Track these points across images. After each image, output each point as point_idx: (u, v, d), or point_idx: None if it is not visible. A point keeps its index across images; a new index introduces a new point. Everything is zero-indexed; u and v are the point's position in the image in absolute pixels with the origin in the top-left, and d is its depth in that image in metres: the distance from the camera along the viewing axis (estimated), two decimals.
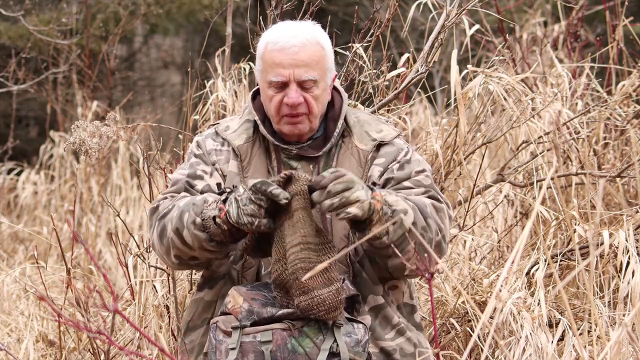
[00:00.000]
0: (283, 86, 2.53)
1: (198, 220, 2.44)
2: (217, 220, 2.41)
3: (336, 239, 2.55)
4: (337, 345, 2.38)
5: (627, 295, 3.15)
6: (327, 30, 2.68)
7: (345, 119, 2.64)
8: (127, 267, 3.33)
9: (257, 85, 2.65)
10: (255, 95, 2.67)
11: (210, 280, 2.64)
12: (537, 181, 3.53)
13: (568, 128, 3.77)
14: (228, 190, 2.45)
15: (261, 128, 2.62)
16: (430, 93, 3.93)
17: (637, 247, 3.26)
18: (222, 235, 2.43)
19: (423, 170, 2.60)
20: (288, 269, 2.38)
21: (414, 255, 2.43)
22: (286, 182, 2.40)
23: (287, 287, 2.41)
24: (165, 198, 2.59)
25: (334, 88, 2.65)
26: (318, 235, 2.41)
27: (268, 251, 2.45)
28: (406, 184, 2.57)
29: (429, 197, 2.56)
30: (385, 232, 2.40)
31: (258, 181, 2.36)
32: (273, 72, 2.53)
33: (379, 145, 2.61)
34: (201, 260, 2.57)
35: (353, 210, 2.34)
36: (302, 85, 2.52)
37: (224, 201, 2.42)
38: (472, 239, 3.66)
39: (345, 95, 2.68)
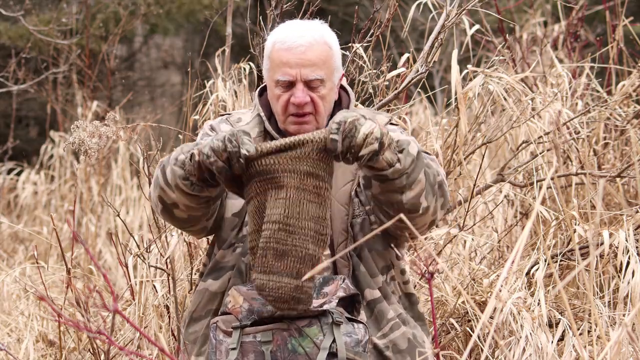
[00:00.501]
0: (290, 85, 2.53)
1: (181, 157, 2.42)
2: (195, 154, 2.38)
3: (335, 233, 2.54)
4: (337, 344, 2.38)
5: (627, 295, 3.15)
6: None
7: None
8: (127, 267, 3.33)
9: (264, 82, 2.65)
10: (262, 91, 2.67)
11: (215, 271, 2.61)
12: (537, 181, 3.53)
13: (568, 128, 3.77)
14: None
15: (267, 125, 2.62)
16: (430, 93, 3.93)
17: (637, 247, 3.26)
18: (194, 173, 2.38)
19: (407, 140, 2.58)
20: (260, 242, 2.31)
21: (425, 187, 2.40)
22: (285, 150, 2.32)
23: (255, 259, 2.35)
24: None
25: (342, 87, 2.66)
26: (317, 223, 2.32)
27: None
28: None
29: None
30: (397, 159, 2.36)
31: (241, 129, 2.34)
32: (280, 71, 2.53)
33: None
34: (183, 215, 2.51)
35: (369, 148, 2.30)
36: (309, 84, 2.53)
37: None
38: (472, 239, 3.65)
39: (352, 94, 2.68)
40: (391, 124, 2.65)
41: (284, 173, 2.31)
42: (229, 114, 2.70)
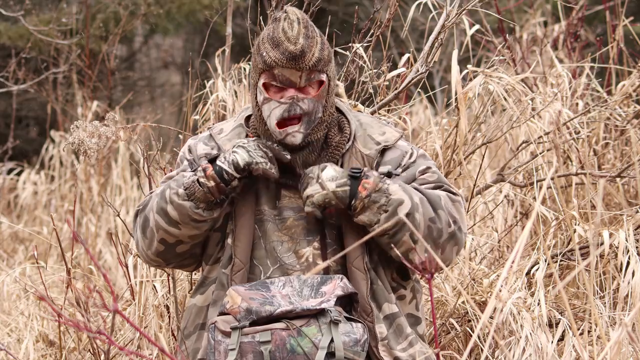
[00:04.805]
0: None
1: (181, 191, 2.48)
2: (202, 179, 2.46)
3: (349, 243, 2.54)
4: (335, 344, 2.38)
5: (627, 295, 3.15)
6: (327, 30, 2.68)
7: (349, 123, 2.64)
8: (127, 267, 3.33)
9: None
10: None
11: (202, 286, 2.63)
12: (537, 181, 3.53)
13: (568, 128, 3.77)
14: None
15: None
16: (430, 93, 3.93)
17: (637, 247, 3.26)
18: (208, 194, 2.46)
19: (428, 168, 2.61)
20: None
21: (415, 247, 2.45)
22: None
23: None
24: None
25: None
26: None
27: None
28: (413, 185, 2.57)
29: (443, 190, 2.57)
30: (377, 220, 2.44)
31: (259, 140, 2.54)
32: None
33: (384, 150, 2.61)
34: (185, 248, 2.56)
35: (306, 208, 2.49)
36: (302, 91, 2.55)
37: (211, 161, 2.49)
38: (472, 239, 3.66)
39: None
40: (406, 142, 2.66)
41: None
42: (215, 126, 2.72)
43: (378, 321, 2.53)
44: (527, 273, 3.31)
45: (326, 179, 2.47)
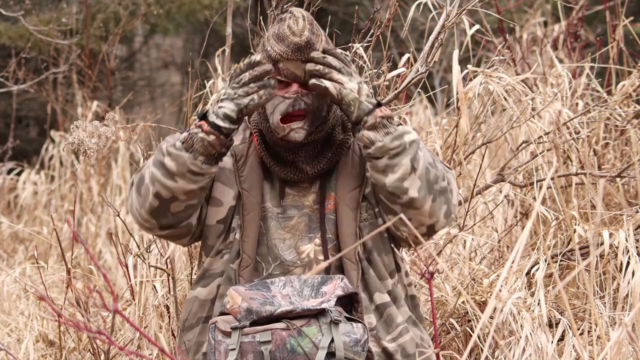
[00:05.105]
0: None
1: (178, 144, 2.48)
2: (201, 134, 2.46)
3: (344, 237, 2.56)
4: (335, 344, 2.38)
5: (627, 295, 3.15)
6: (327, 30, 2.68)
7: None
8: (127, 267, 3.33)
9: None
10: None
11: (203, 278, 2.63)
12: (537, 181, 3.53)
13: (568, 128, 3.77)
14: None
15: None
16: (430, 93, 3.93)
17: (637, 247, 3.26)
18: (209, 147, 2.46)
19: None
20: None
21: (413, 174, 2.46)
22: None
23: None
24: None
25: None
26: None
27: None
28: None
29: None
30: (381, 140, 2.47)
31: (230, 72, 2.51)
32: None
33: None
34: (179, 207, 2.54)
35: (328, 84, 2.47)
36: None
37: (201, 119, 2.49)
38: (472, 239, 3.66)
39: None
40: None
41: None
42: None
43: (367, 312, 2.55)
44: (527, 273, 3.31)
45: (363, 89, 2.49)
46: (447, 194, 2.54)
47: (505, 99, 3.50)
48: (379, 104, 2.50)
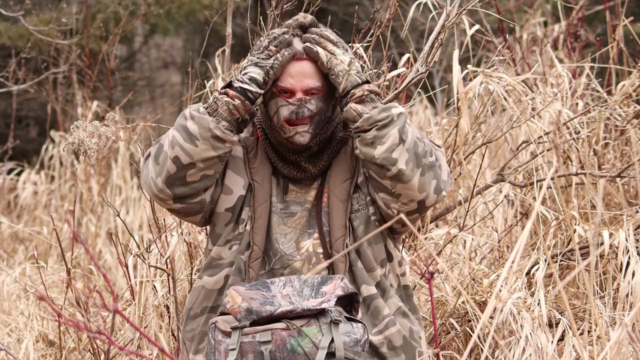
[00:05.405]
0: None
1: (202, 108, 2.53)
2: (225, 99, 2.53)
3: (334, 229, 2.58)
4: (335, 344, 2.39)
5: (627, 295, 3.15)
6: None
7: None
8: (127, 267, 3.33)
9: None
10: None
11: (210, 268, 2.64)
12: (537, 181, 3.53)
13: (568, 128, 3.77)
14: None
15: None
16: (430, 93, 3.93)
17: (637, 247, 3.26)
18: (234, 111, 2.53)
19: None
20: None
21: (401, 146, 2.50)
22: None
23: None
24: None
25: None
26: None
27: None
28: None
29: None
30: (367, 113, 2.52)
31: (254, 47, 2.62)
32: (283, 80, 2.61)
33: None
34: (195, 177, 2.55)
35: (320, 50, 2.57)
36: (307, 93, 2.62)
37: (226, 87, 2.57)
38: (472, 239, 3.66)
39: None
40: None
41: None
42: None
43: None
44: (527, 273, 3.31)
45: (354, 64, 2.58)
46: (435, 169, 2.55)
47: (505, 99, 3.50)
48: (367, 82, 2.57)
